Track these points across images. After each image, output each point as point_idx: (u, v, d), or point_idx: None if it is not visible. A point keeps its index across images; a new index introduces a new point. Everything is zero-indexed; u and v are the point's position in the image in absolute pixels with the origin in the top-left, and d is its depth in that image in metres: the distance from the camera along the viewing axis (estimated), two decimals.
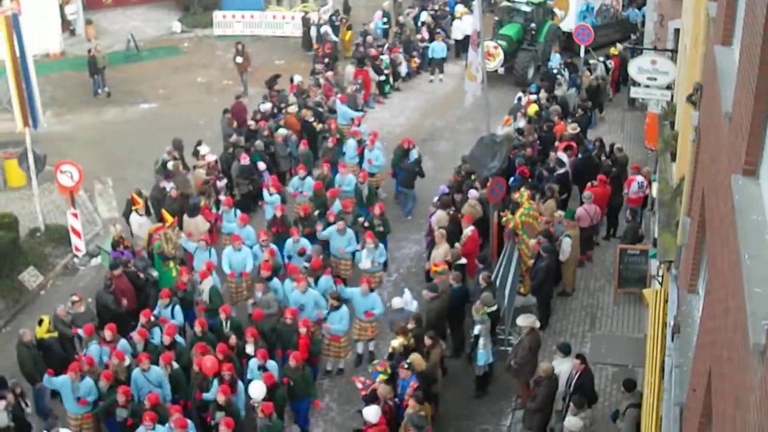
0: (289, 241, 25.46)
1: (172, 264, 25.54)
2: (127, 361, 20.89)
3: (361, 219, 26.59)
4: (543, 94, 36.40)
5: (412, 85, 44.45)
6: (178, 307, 23.06)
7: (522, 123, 33.47)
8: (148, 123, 39.14)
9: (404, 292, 23.64)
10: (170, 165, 29.65)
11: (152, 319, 22.26)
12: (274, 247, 25.22)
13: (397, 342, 21.18)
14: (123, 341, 21.59)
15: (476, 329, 21.90)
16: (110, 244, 25.94)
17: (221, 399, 19.37)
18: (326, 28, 45.80)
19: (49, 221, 30.57)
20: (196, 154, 31.14)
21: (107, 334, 21.54)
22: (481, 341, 21.81)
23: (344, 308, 22.67)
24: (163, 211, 27.22)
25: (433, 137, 37.88)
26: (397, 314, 22.57)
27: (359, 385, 20.47)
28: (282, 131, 32.65)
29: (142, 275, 24.70)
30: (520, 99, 36.76)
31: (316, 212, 27.17)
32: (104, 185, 33.45)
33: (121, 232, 26.24)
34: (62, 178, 28.10)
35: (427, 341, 20.85)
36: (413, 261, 28.56)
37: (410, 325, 21.40)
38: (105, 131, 38.27)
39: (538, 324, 21.68)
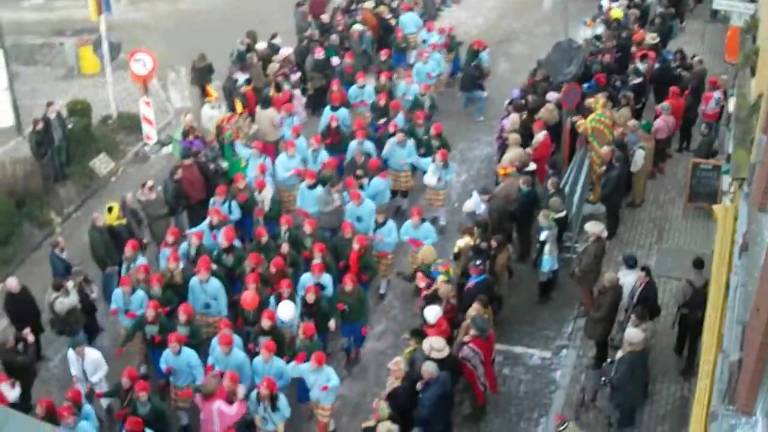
0: (353, 143, 25.11)
1: None
2: (181, 265, 20.63)
3: (425, 137, 25.65)
4: (624, 1, 35.74)
5: None
6: (234, 203, 22.88)
7: (600, 29, 32.91)
8: (224, 13, 39.06)
9: (473, 195, 23.55)
10: (248, 57, 29.60)
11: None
12: (326, 155, 24.80)
13: (462, 242, 21.21)
14: (183, 245, 21.40)
15: (543, 235, 21.81)
16: (181, 133, 26.06)
17: (266, 324, 18.65)
18: None
19: (122, 109, 30.85)
20: (270, 47, 31.03)
21: (169, 237, 21.38)
22: (547, 247, 21.74)
23: (391, 222, 22.36)
24: (236, 101, 27.22)
25: (509, 39, 37.50)
26: (468, 218, 22.53)
27: (421, 284, 20.51)
28: (357, 26, 32.43)
29: (212, 165, 24.80)
30: (601, 7, 36.09)
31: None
32: (177, 74, 33.50)
33: (193, 122, 26.26)
34: (136, 66, 28.21)
35: (494, 244, 20.82)
36: (483, 163, 28.46)
37: (476, 229, 21.39)
38: (180, 20, 38.31)
39: (605, 233, 21.54)
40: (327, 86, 29.14)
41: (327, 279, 20.19)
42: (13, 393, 18.00)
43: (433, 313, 18.78)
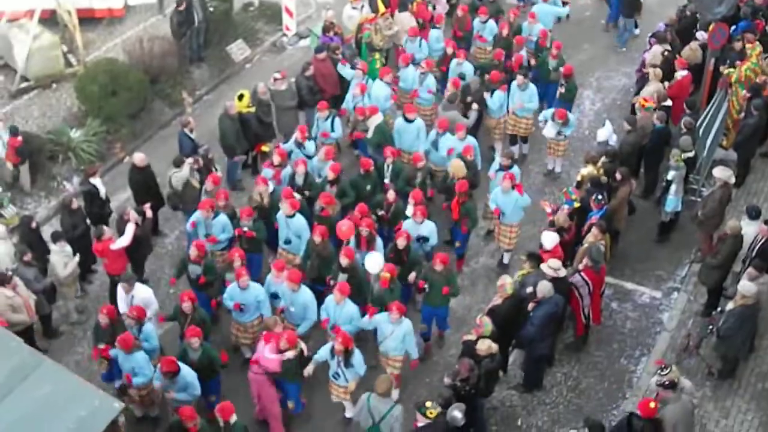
0: (453, 62, 24.43)
1: (377, 56, 25.47)
2: (271, 187, 20.00)
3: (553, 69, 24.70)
4: None
5: None
6: (338, 120, 22.52)
7: None
8: None
9: (605, 123, 23.24)
10: None
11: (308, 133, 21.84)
12: (433, 80, 24.19)
13: (586, 170, 21.01)
14: (287, 169, 20.68)
15: (670, 175, 21.45)
16: (321, 29, 26.06)
17: (344, 261, 17.72)
18: None
19: None
20: None
21: (275, 158, 20.82)
22: (673, 187, 21.40)
23: (516, 168, 21.25)
24: (379, 1, 27.02)
25: None
26: (600, 146, 22.26)
27: (548, 209, 20.36)
28: None
29: (348, 63, 24.77)
30: None
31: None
32: None
33: (333, 18, 26.15)
34: None
35: (617, 177, 20.53)
36: (620, 93, 27.93)
37: (603, 159, 21.11)
38: None
39: (733, 179, 21.05)
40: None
41: (429, 228, 19.30)
42: (123, 239, 18.68)
43: (550, 239, 18.73)
